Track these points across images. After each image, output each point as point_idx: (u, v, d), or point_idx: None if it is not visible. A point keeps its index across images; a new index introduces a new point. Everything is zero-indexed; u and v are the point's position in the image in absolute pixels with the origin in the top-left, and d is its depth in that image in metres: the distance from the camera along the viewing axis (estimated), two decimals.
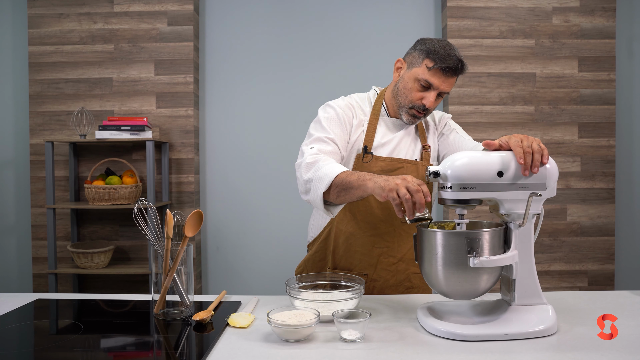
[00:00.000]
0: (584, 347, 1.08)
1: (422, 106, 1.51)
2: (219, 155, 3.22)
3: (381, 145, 1.57)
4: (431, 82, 1.48)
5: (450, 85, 1.51)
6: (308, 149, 1.48)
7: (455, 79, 1.52)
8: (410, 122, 1.57)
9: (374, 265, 1.58)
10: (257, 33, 3.20)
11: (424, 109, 1.52)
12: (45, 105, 3.07)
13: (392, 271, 1.58)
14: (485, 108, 3.03)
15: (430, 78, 1.48)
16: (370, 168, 1.54)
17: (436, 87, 1.49)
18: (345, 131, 1.55)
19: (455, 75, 1.50)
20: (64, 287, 3.05)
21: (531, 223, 1.19)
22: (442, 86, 1.49)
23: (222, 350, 1.08)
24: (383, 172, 1.54)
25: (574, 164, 3.05)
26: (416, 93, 1.51)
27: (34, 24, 3.05)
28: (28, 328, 1.27)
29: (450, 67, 1.46)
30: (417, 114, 1.54)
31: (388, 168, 1.55)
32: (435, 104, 1.52)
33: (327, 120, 1.54)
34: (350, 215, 1.57)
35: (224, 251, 3.22)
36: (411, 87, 1.52)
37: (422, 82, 1.49)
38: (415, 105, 1.52)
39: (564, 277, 3.05)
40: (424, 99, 1.50)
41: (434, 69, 1.47)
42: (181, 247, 1.29)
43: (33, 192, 3.08)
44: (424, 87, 1.50)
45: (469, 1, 3.02)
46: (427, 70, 1.48)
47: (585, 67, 3.04)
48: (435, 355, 1.04)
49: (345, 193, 1.32)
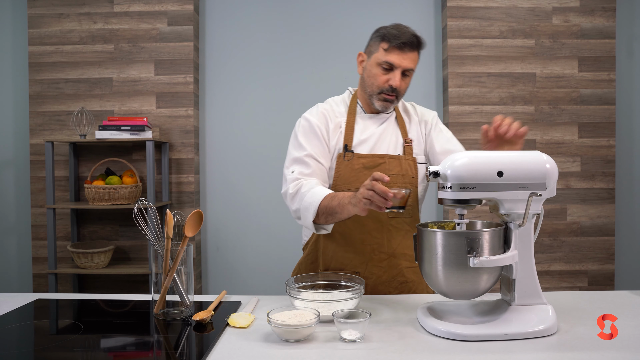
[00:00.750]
0: (584, 347, 1.08)
1: (389, 88, 1.54)
2: (219, 155, 3.22)
3: (361, 143, 1.60)
4: (391, 61, 1.52)
5: (411, 60, 1.54)
6: (289, 173, 1.55)
7: (416, 54, 1.55)
8: (383, 107, 1.59)
9: (365, 263, 1.58)
10: (257, 33, 3.20)
11: (393, 90, 1.55)
12: (45, 105, 3.07)
13: (383, 267, 1.58)
14: (485, 108, 3.03)
15: (389, 58, 1.52)
16: (353, 166, 1.56)
17: (397, 65, 1.52)
18: (322, 141, 1.58)
19: (413, 51, 1.53)
20: (64, 287, 3.05)
21: (531, 223, 1.19)
22: (404, 63, 1.52)
23: (222, 350, 1.08)
24: (365, 169, 1.56)
25: (574, 164, 3.05)
26: (381, 77, 1.55)
27: (34, 24, 3.05)
28: (28, 328, 1.27)
29: (405, 43, 1.51)
30: (388, 97, 1.56)
31: (370, 164, 1.57)
32: (402, 83, 1.56)
33: (303, 135, 1.60)
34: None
35: (224, 251, 3.22)
36: (375, 72, 1.56)
37: (383, 65, 1.54)
38: (383, 88, 1.55)
39: (564, 277, 3.05)
40: (390, 80, 1.54)
41: (390, 48, 1.52)
42: (181, 247, 1.29)
43: (33, 192, 3.08)
44: (386, 69, 1.54)
45: (469, 1, 3.02)
46: (385, 52, 1.53)
47: (585, 67, 3.04)
48: (435, 355, 1.04)
49: (332, 217, 1.42)
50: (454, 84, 3.03)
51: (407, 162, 1.60)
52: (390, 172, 1.56)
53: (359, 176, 1.56)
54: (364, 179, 1.52)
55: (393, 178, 1.56)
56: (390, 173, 1.56)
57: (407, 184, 1.58)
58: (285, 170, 1.59)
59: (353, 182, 1.56)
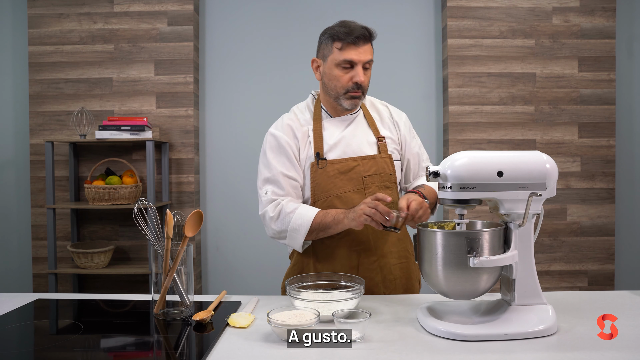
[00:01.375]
0: (584, 347, 1.08)
1: (354, 85, 1.53)
2: (219, 155, 3.22)
3: (332, 148, 1.58)
4: (350, 58, 1.51)
5: (368, 52, 1.53)
6: (263, 194, 1.58)
7: (370, 46, 1.54)
8: (352, 105, 1.57)
9: (356, 268, 1.57)
10: (257, 33, 3.20)
11: (359, 86, 1.53)
12: (45, 105, 3.07)
13: (374, 269, 1.57)
14: (485, 108, 3.03)
15: (347, 56, 1.51)
16: (327, 173, 1.54)
17: (357, 60, 1.51)
18: (291, 156, 1.58)
19: (367, 43, 1.52)
20: (64, 287, 3.05)
21: (531, 223, 1.19)
22: (362, 57, 1.51)
23: (222, 350, 1.08)
24: (340, 174, 1.54)
25: (574, 164, 3.05)
26: (343, 77, 1.53)
27: (34, 24, 3.05)
28: (28, 328, 1.27)
29: (358, 37, 1.50)
30: (355, 94, 1.54)
31: (344, 169, 1.55)
32: (365, 78, 1.54)
33: (271, 152, 1.61)
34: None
35: (224, 251, 3.22)
36: (336, 74, 1.54)
37: (343, 65, 1.52)
38: (348, 87, 1.53)
39: (564, 277, 3.05)
40: (354, 77, 1.52)
41: (344, 46, 1.51)
42: (181, 247, 1.29)
43: (33, 192, 3.08)
44: (346, 67, 1.52)
45: (469, 1, 3.02)
46: (340, 51, 1.51)
47: (585, 67, 3.04)
48: (435, 355, 1.04)
49: (324, 233, 1.50)
50: (454, 84, 3.03)
51: (383, 160, 1.59)
52: (366, 172, 1.55)
53: (335, 182, 1.54)
54: (341, 184, 1.54)
55: (370, 178, 1.56)
56: (367, 174, 1.55)
57: (385, 182, 1.57)
58: (259, 190, 1.61)
59: (331, 189, 1.55)
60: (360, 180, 1.55)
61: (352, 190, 1.55)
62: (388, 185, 1.58)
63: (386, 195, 1.37)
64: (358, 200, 1.53)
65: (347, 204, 1.54)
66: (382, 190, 1.56)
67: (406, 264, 1.62)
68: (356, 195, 1.55)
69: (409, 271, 1.63)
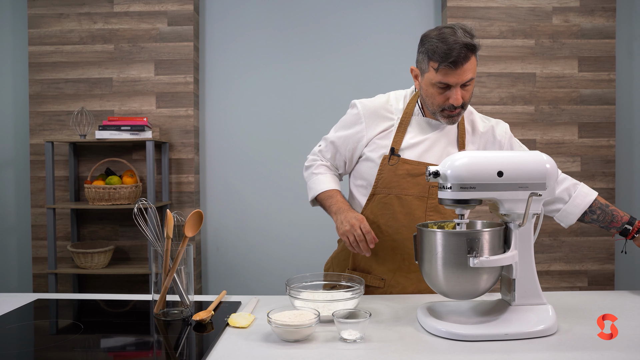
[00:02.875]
0: (584, 347, 1.08)
1: (451, 106, 1.44)
2: (219, 155, 3.22)
3: (410, 147, 1.51)
4: (446, 81, 1.40)
5: (468, 72, 1.39)
6: (317, 146, 1.68)
7: (472, 61, 1.40)
8: (450, 123, 1.49)
9: (393, 271, 1.54)
10: (257, 33, 3.20)
11: (454, 107, 1.44)
12: (45, 105, 3.07)
13: (411, 279, 1.54)
14: (485, 108, 3.03)
15: (443, 79, 1.40)
16: (396, 171, 1.49)
17: (453, 83, 1.40)
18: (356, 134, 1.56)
19: (466, 61, 1.38)
20: (64, 287, 3.05)
21: (531, 223, 1.19)
22: (460, 78, 1.39)
23: (222, 350, 1.08)
24: (409, 176, 1.49)
25: (574, 164, 3.05)
26: (439, 97, 1.44)
27: (34, 24, 3.05)
28: (28, 328, 1.27)
29: (457, 60, 1.36)
30: (451, 113, 1.46)
31: (415, 172, 1.49)
32: (466, 95, 1.44)
33: (345, 122, 1.60)
34: (372, 218, 1.53)
35: (224, 251, 3.22)
36: (432, 92, 1.45)
37: (438, 85, 1.42)
38: (445, 106, 1.45)
39: (564, 277, 3.05)
40: (450, 99, 1.43)
41: (441, 68, 1.39)
42: (181, 247, 1.29)
43: (33, 192, 3.08)
44: (442, 88, 1.43)
45: (469, 1, 3.02)
46: (436, 72, 1.41)
47: (585, 67, 3.04)
48: (435, 355, 1.04)
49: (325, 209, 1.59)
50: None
51: None
52: (435, 183, 1.46)
53: (400, 182, 1.49)
54: (406, 186, 1.49)
55: (435, 190, 1.48)
56: (436, 184, 1.47)
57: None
58: (322, 140, 1.67)
59: (394, 188, 1.50)
60: (426, 188, 1.49)
61: (415, 195, 1.50)
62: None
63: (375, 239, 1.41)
64: (418, 206, 1.49)
65: (406, 207, 1.50)
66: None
67: None
68: (417, 201, 1.50)
69: None
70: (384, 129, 1.53)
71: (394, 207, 1.50)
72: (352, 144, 1.57)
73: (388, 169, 1.50)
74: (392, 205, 1.50)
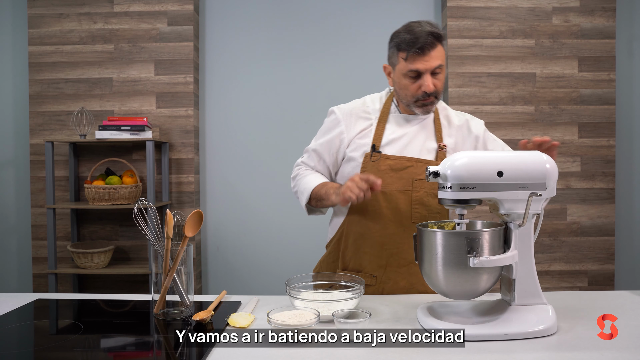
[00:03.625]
0: (584, 347, 1.07)
1: (424, 94, 1.49)
2: (219, 155, 3.22)
3: (390, 143, 1.56)
4: (416, 68, 1.47)
5: (436, 58, 1.47)
6: (300, 158, 1.70)
7: (439, 49, 1.48)
8: (425, 112, 1.55)
9: (384, 267, 1.55)
10: (257, 33, 3.20)
11: (428, 94, 1.49)
12: (45, 105, 3.07)
13: (402, 273, 1.55)
14: (485, 108, 3.03)
15: (412, 66, 1.47)
16: (379, 167, 1.52)
17: (423, 70, 1.47)
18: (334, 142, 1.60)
19: (433, 48, 1.46)
20: (64, 287, 3.05)
21: (531, 223, 1.19)
22: (429, 64, 1.46)
23: (222, 351, 1.08)
24: (392, 170, 1.52)
25: (574, 164, 3.05)
26: (411, 86, 1.50)
27: (34, 24, 3.05)
28: (28, 328, 1.27)
29: (422, 47, 1.44)
30: (425, 101, 1.51)
31: (397, 166, 1.52)
32: (437, 82, 1.50)
33: (325, 129, 1.65)
34: (359, 216, 1.55)
35: (224, 251, 3.22)
36: (405, 84, 1.51)
37: (410, 74, 1.49)
38: (418, 96, 1.50)
39: (564, 277, 3.05)
40: (422, 87, 1.49)
41: (409, 56, 1.46)
42: (181, 247, 1.29)
43: (33, 192, 3.08)
44: (414, 77, 1.49)
45: (469, 1, 3.02)
46: (406, 61, 1.48)
47: (585, 67, 3.04)
48: (435, 355, 1.04)
49: (321, 203, 1.56)
50: (454, 84, 3.03)
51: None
52: (418, 175, 1.52)
53: (384, 178, 1.51)
54: (389, 181, 1.52)
55: (421, 182, 1.52)
56: (418, 177, 1.52)
57: (435, 190, 1.52)
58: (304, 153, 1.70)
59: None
60: (410, 182, 1.52)
61: (398, 190, 1.52)
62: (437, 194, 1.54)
63: (378, 179, 1.37)
64: (402, 201, 1.52)
65: (391, 202, 1.52)
66: (430, 198, 1.53)
67: None
68: (402, 195, 1.52)
69: None
70: (363, 128, 1.59)
71: (379, 203, 1.53)
72: (335, 147, 1.61)
73: (371, 166, 1.53)
74: (378, 201, 1.53)
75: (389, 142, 1.56)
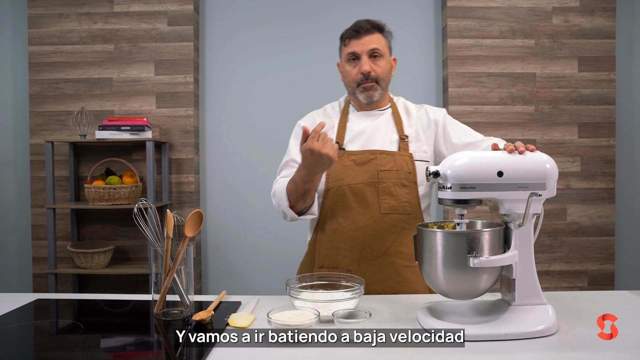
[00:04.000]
0: (584, 347, 1.08)
1: (362, 76, 1.58)
2: (219, 155, 3.22)
3: (353, 139, 1.62)
4: (352, 50, 1.58)
5: (371, 41, 1.57)
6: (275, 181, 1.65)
7: (377, 35, 1.59)
8: (367, 98, 1.61)
9: (357, 261, 1.57)
10: (257, 33, 3.20)
11: (367, 76, 1.57)
12: (45, 105, 3.07)
13: (376, 265, 1.57)
14: (485, 108, 3.03)
15: (349, 49, 1.59)
16: (343, 162, 1.57)
17: (359, 51, 1.57)
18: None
19: (371, 33, 1.58)
20: (64, 287, 3.05)
21: (531, 223, 1.19)
22: (364, 46, 1.56)
23: (222, 351, 1.08)
24: (356, 165, 1.57)
25: (574, 164, 3.05)
26: (352, 70, 1.60)
27: (34, 24, 3.05)
28: (28, 328, 1.27)
29: (356, 29, 1.57)
30: (366, 84, 1.59)
31: (360, 160, 1.57)
32: (375, 66, 1.58)
33: (293, 140, 1.70)
34: (330, 213, 1.59)
35: (224, 251, 3.22)
36: (347, 70, 1.62)
37: (349, 58, 1.60)
38: (358, 79, 1.59)
39: (564, 277, 3.05)
40: (360, 67, 1.57)
41: (346, 41, 1.60)
42: (181, 247, 1.29)
43: (33, 192, 3.08)
44: (353, 60, 1.60)
45: (469, 1, 3.02)
46: (345, 47, 1.61)
47: (585, 67, 3.04)
48: (435, 355, 1.04)
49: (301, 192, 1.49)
50: (454, 84, 3.03)
51: (402, 157, 1.58)
52: (383, 167, 1.56)
53: (349, 172, 1.56)
54: (354, 175, 1.56)
55: (386, 173, 1.56)
56: (383, 168, 1.56)
57: (402, 179, 1.57)
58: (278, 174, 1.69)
59: (344, 179, 1.56)
60: (375, 174, 1.56)
61: (364, 182, 1.56)
62: (405, 184, 1.57)
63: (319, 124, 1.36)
64: (370, 193, 1.55)
65: (359, 196, 1.56)
66: (397, 188, 1.56)
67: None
68: (368, 188, 1.56)
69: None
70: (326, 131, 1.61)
71: (347, 197, 1.56)
72: None
73: (336, 163, 1.56)
74: (346, 195, 1.56)
75: (351, 138, 1.62)
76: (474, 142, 1.60)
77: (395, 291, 1.58)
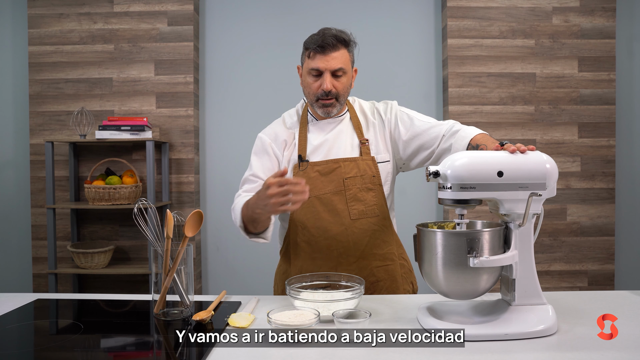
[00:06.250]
0: (584, 347, 1.08)
1: (322, 93, 1.54)
2: (219, 155, 3.22)
3: (315, 150, 1.60)
4: (316, 66, 1.52)
5: (337, 60, 1.52)
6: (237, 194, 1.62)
7: (343, 52, 1.53)
8: (325, 113, 1.59)
9: (335, 268, 1.57)
10: (257, 33, 3.20)
11: (327, 94, 1.54)
12: (45, 105, 3.07)
13: (353, 270, 1.58)
14: (485, 108, 3.03)
15: (314, 64, 1.53)
16: (308, 174, 1.56)
17: (323, 68, 1.52)
18: (272, 157, 1.62)
19: (337, 50, 1.52)
20: (64, 287, 3.05)
21: (531, 223, 1.19)
22: (329, 64, 1.51)
23: (222, 351, 1.08)
24: (321, 176, 1.56)
25: (574, 164, 3.05)
26: (313, 84, 1.56)
27: (34, 24, 3.05)
28: (28, 328, 1.27)
29: (323, 45, 1.50)
30: (326, 101, 1.56)
31: (325, 170, 1.57)
32: (338, 84, 1.54)
33: (255, 154, 1.66)
34: (301, 226, 1.58)
35: (224, 251, 3.22)
36: (308, 81, 1.57)
37: (312, 73, 1.54)
38: (318, 95, 1.55)
39: (564, 277, 3.05)
40: (321, 85, 1.53)
41: (312, 54, 1.53)
42: (181, 247, 1.29)
43: (33, 192, 3.08)
44: (315, 75, 1.54)
45: (469, 1, 3.02)
46: (309, 59, 1.54)
47: (585, 67, 3.04)
48: (435, 355, 1.04)
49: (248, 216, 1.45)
50: (454, 84, 3.03)
51: (364, 162, 1.58)
52: (347, 174, 1.56)
53: (315, 184, 1.56)
54: (321, 186, 1.56)
55: (351, 180, 1.56)
56: (348, 176, 1.56)
57: (367, 184, 1.57)
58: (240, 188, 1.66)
59: (312, 190, 1.54)
60: (341, 182, 1.57)
61: (332, 192, 1.57)
62: (370, 187, 1.58)
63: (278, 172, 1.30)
64: (338, 201, 1.56)
65: (328, 205, 1.56)
66: (364, 193, 1.57)
67: (392, 266, 1.62)
68: (336, 197, 1.56)
69: (394, 274, 1.62)
70: (288, 143, 1.63)
71: (316, 208, 1.56)
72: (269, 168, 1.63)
73: (300, 175, 1.57)
74: (315, 206, 1.56)
75: (313, 149, 1.60)
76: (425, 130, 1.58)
77: (372, 292, 1.60)
